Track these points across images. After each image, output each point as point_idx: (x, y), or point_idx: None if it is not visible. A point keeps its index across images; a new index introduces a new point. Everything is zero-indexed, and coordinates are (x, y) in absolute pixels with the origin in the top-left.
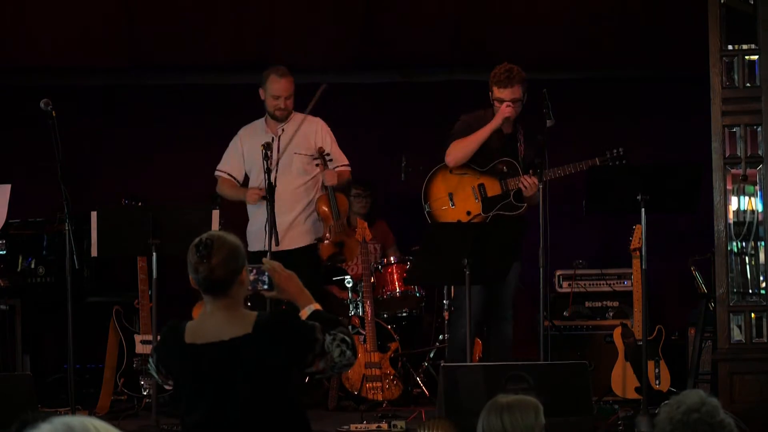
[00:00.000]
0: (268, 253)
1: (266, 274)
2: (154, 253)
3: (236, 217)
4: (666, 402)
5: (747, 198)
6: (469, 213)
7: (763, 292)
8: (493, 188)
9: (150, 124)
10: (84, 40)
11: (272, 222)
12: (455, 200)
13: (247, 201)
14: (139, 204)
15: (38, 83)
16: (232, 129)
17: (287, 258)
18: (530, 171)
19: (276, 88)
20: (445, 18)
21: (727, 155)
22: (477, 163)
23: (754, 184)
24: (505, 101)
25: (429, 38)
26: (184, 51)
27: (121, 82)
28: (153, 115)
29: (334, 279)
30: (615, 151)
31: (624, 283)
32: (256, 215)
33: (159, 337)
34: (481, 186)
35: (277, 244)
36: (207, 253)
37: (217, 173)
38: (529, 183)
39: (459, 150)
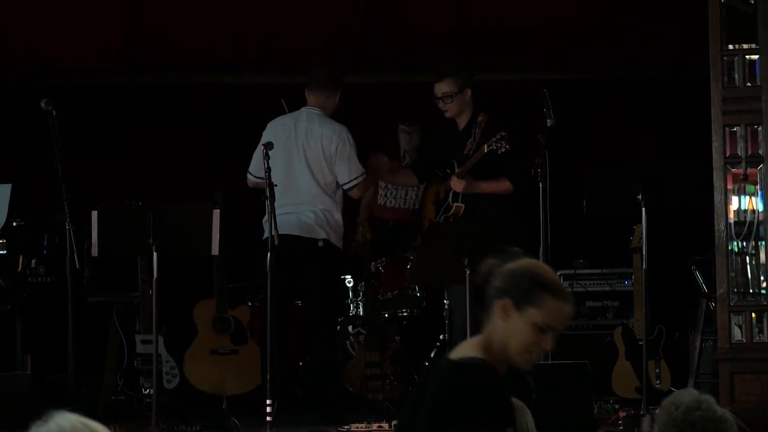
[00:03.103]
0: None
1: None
2: (155, 253)
3: (236, 217)
4: (660, 406)
5: (747, 197)
6: (430, 221)
7: (763, 291)
8: (443, 192)
9: (151, 124)
10: (84, 40)
11: (273, 220)
12: (429, 208)
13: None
14: (140, 203)
15: (38, 83)
16: (232, 128)
17: None
18: (456, 169)
19: None
20: (444, 17)
21: (727, 155)
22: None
23: (755, 183)
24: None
25: (427, 37)
26: (185, 50)
27: (121, 81)
28: (153, 114)
29: None
30: (499, 135)
31: (624, 282)
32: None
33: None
34: (438, 192)
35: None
36: None
37: (359, 179)
38: (454, 183)
39: None
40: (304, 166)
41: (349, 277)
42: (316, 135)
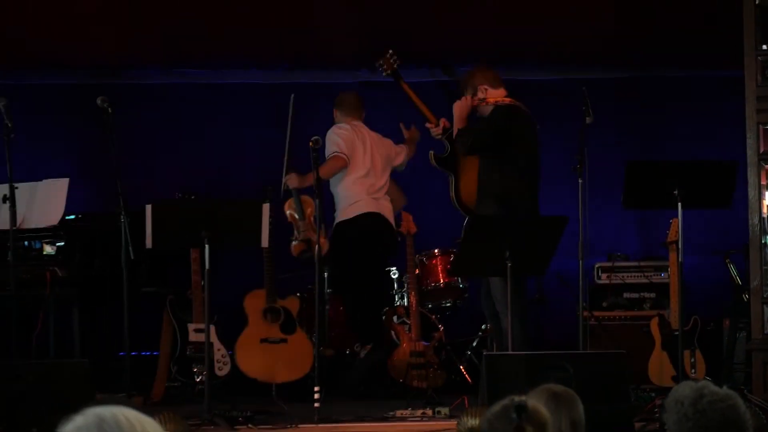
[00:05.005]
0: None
1: None
2: (206, 245)
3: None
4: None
5: None
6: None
7: None
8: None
9: (200, 121)
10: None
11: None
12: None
13: None
14: (192, 197)
15: (92, 80)
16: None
17: None
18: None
19: None
20: (478, 17)
21: (761, 151)
22: None
23: None
24: None
25: (459, 36)
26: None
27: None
28: (201, 111)
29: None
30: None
31: (661, 275)
32: None
33: None
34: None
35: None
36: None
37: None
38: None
39: None
40: (382, 170)
41: (394, 268)
42: (382, 140)
